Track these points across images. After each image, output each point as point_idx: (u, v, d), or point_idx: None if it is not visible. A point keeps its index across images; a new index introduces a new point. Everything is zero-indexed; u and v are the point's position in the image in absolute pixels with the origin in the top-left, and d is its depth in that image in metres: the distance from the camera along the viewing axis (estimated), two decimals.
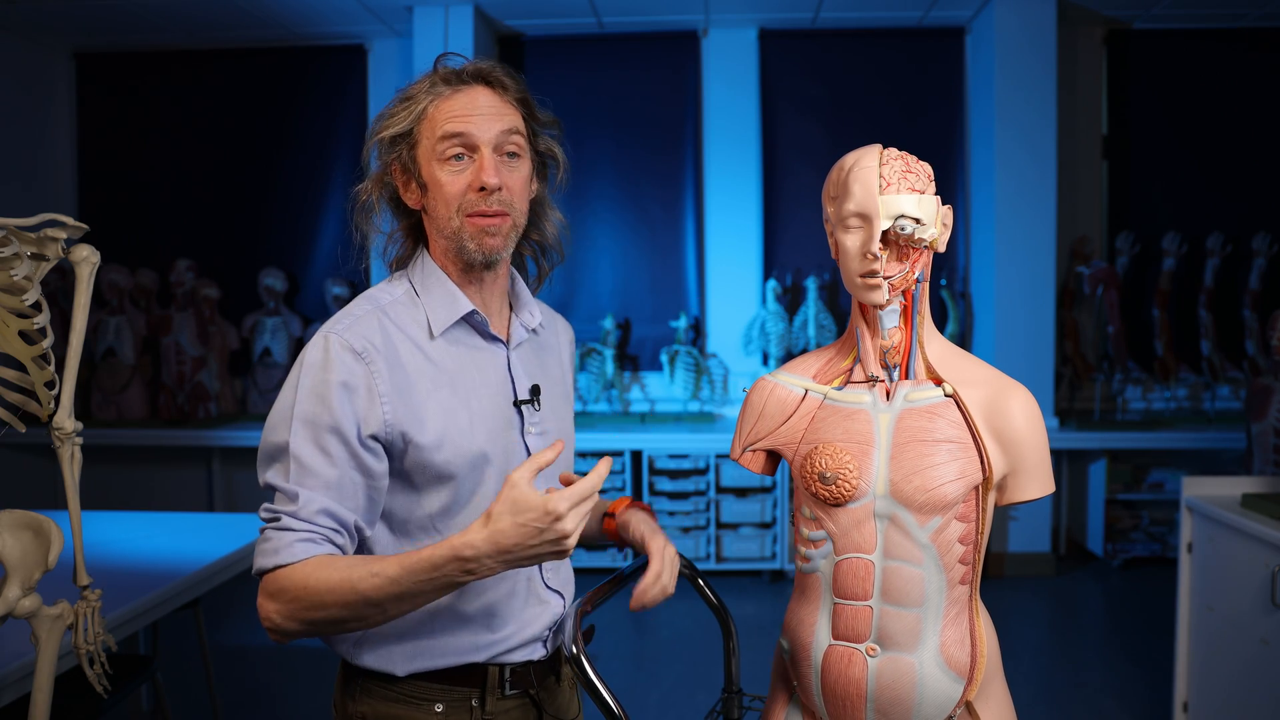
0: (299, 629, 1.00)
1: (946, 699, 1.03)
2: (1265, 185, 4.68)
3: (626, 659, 3.45)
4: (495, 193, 1.09)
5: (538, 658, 1.19)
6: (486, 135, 1.08)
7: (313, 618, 0.98)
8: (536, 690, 1.19)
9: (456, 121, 1.08)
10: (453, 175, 1.09)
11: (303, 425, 1.02)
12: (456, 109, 1.08)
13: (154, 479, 4.96)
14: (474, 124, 1.08)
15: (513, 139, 1.11)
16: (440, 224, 1.12)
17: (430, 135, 1.09)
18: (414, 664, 1.11)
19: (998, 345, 4.42)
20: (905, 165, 1.03)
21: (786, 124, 4.86)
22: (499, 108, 1.10)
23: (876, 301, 1.04)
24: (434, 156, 1.09)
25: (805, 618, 1.09)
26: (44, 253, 1.44)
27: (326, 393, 1.03)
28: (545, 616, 1.19)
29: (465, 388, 1.12)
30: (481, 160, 1.08)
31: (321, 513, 1.01)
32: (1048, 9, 4.34)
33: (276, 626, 1.00)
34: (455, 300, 1.13)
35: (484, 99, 1.10)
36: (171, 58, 5.04)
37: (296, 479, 1.02)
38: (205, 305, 4.85)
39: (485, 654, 1.13)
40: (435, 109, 1.09)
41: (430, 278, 1.15)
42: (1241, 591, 2.25)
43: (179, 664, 3.22)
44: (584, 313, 4.88)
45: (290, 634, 1.01)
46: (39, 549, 1.40)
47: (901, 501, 1.02)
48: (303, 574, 0.98)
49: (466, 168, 1.09)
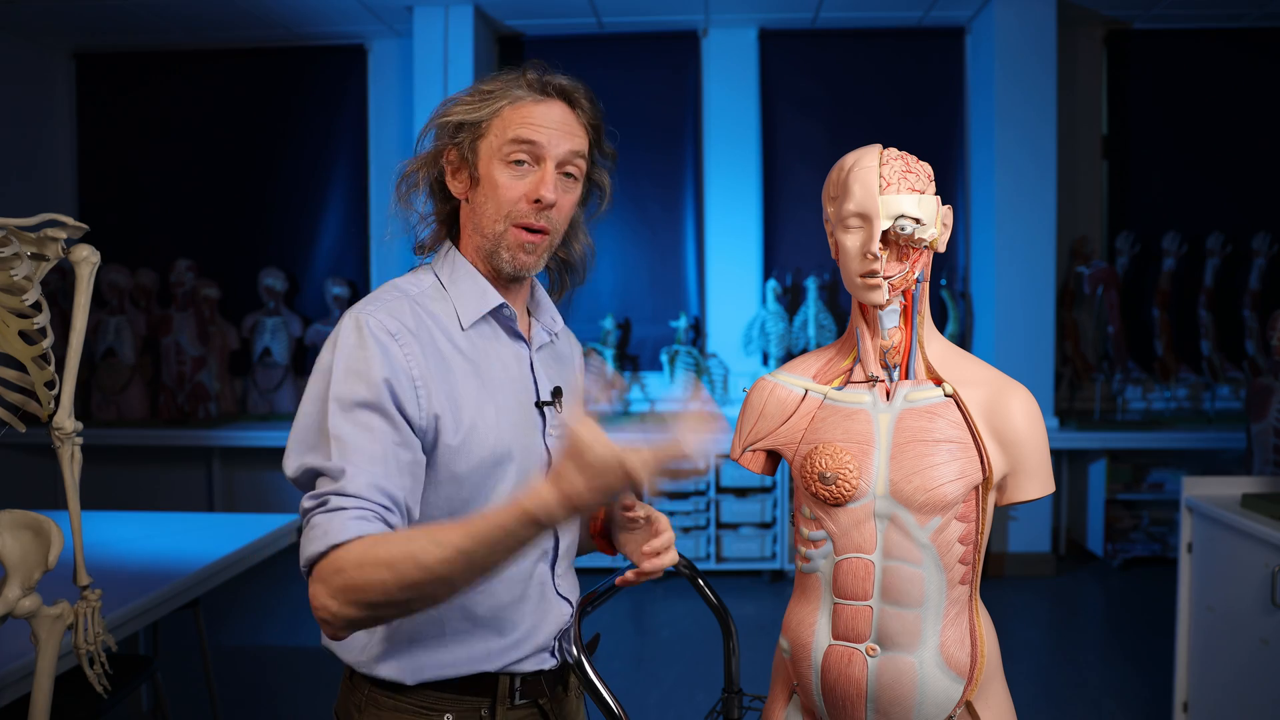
0: (357, 615, 0.91)
1: (946, 699, 1.03)
2: (1265, 185, 4.69)
3: (626, 659, 3.46)
4: (548, 209, 1.09)
5: (548, 667, 1.17)
6: (555, 150, 1.09)
7: (373, 599, 0.90)
8: (546, 701, 1.18)
9: (531, 129, 1.08)
10: (512, 179, 1.09)
11: (341, 405, 0.98)
12: (534, 117, 1.09)
13: (154, 479, 4.97)
14: (547, 136, 1.08)
15: (576, 161, 1.12)
16: (484, 223, 1.11)
17: (500, 133, 1.09)
18: (425, 673, 1.09)
19: (998, 345, 4.42)
20: (905, 165, 1.03)
21: (786, 124, 4.86)
22: (572, 127, 1.11)
23: (876, 301, 1.04)
24: (497, 155, 1.09)
25: (805, 617, 1.09)
26: (44, 253, 1.44)
27: (365, 368, 0.99)
28: (554, 623, 1.18)
29: (492, 382, 1.11)
30: (544, 173, 1.09)
31: (372, 487, 0.95)
32: (1048, 9, 4.34)
33: (332, 615, 0.91)
34: (485, 293, 1.13)
35: (560, 114, 1.10)
36: (171, 58, 5.04)
37: (340, 456, 0.95)
38: (205, 305, 4.85)
39: (497, 662, 1.12)
40: (512, 110, 1.09)
41: (459, 271, 1.14)
42: (1241, 591, 2.25)
43: (179, 664, 3.22)
44: (584, 313, 4.88)
45: (348, 622, 0.92)
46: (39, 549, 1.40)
47: (901, 501, 1.02)
48: (359, 551, 0.90)
49: (526, 175, 1.09)
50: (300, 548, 0.95)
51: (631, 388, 4.93)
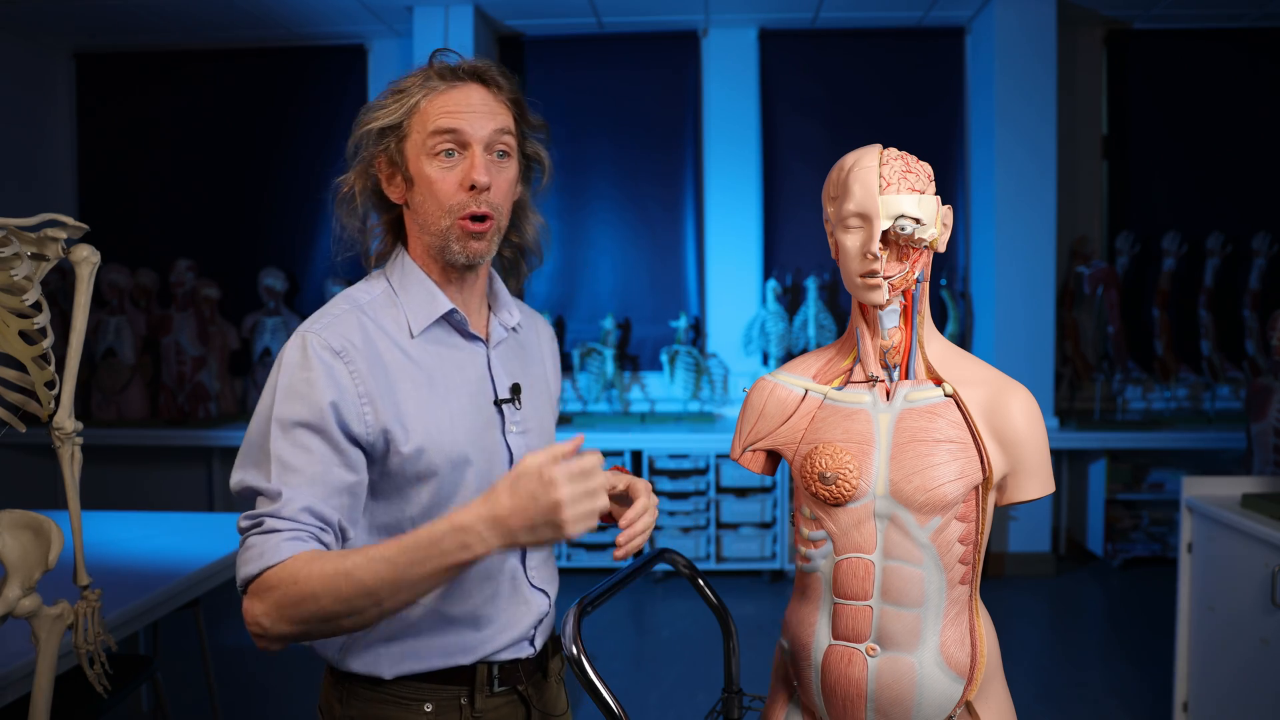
0: (289, 631, 0.94)
1: (946, 699, 1.03)
2: (1265, 185, 4.69)
3: (626, 659, 3.45)
4: (484, 192, 1.08)
5: (525, 655, 1.19)
6: (479, 133, 1.08)
7: (304, 614, 0.92)
8: (525, 687, 1.19)
9: (450, 118, 1.07)
10: (443, 171, 1.08)
11: (281, 426, 1.00)
12: (450, 105, 1.08)
13: (154, 479, 4.97)
14: (467, 121, 1.07)
15: (504, 139, 1.11)
16: (427, 221, 1.11)
17: (421, 129, 1.08)
18: (401, 666, 1.11)
19: (998, 345, 4.42)
20: (905, 165, 1.03)
21: (786, 124, 4.86)
22: (492, 106, 1.10)
23: (876, 301, 1.04)
24: (424, 151, 1.08)
25: (805, 617, 1.09)
26: (44, 253, 1.44)
27: (306, 391, 1.01)
28: (530, 615, 1.19)
29: (445, 386, 1.11)
30: (473, 158, 1.08)
31: (306, 510, 0.98)
32: (1048, 9, 4.34)
33: (265, 631, 0.94)
34: (434, 299, 1.13)
35: (478, 96, 1.09)
36: (171, 58, 5.04)
37: (279, 479, 0.98)
38: (205, 305, 4.85)
39: (472, 655, 1.13)
40: (428, 103, 1.08)
41: (409, 277, 1.14)
42: (1241, 591, 2.25)
43: (179, 664, 3.22)
44: (584, 313, 4.88)
45: (280, 638, 0.95)
46: (39, 549, 1.40)
47: (901, 501, 1.02)
48: (292, 569, 0.93)
49: (456, 164, 1.08)
50: (236, 567, 0.98)
51: (631, 388, 4.93)
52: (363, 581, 0.91)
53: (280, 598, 0.93)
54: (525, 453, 1.17)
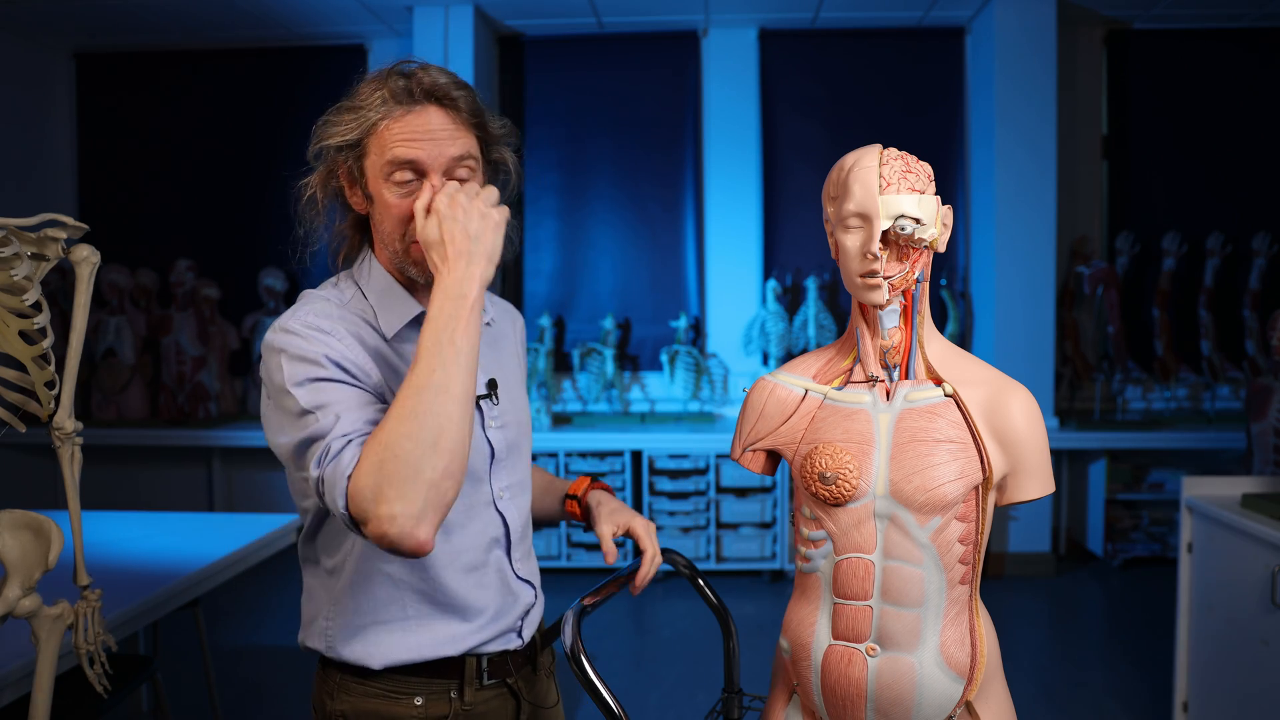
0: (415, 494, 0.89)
1: (946, 699, 1.03)
2: (1265, 185, 4.69)
3: (626, 659, 3.45)
4: None
5: (513, 648, 1.20)
6: (438, 161, 1.05)
7: (409, 459, 0.89)
8: (515, 680, 1.20)
9: (408, 147, 1.04)
10: (400, 198, 1.06)
11: (303, 387, 0.99)
12: (407, 132, 1.05)
13: (154, 479, 4.97)
14: (426, 150, 1.05)
15: (464, 164, 1.08)
16: (385, 240, 1.11)
17: (379, 153, 1.06)
18: (390, 656, 1.11)
19: (998, 345, 4.42)
20: (905, 165, 1.02)
21: (786, 124, 4.86)
22: (451, 131, 1.07)
23: (876, 301, 1.04)
24: (381, 176, 1.07)
25: (805, 618, 1.09)
26: (44, 253, 1.44)
27: (309, 350, 1.01)
28: (517, 607, 1.20)
29: None
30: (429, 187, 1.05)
31: (354, 425, 0.97)
32: (1048, 9, 4.34)
33: (396, 515, 0.88)
34: (405, 303, 1.13)
35: (436, 121, 1.06)
36: (171, 58, 5.04)
37: (325, 415, 0.97)
38: (205, 305, 4.85)
39: (460, 646, 1.14)
40: (385, 128, 1.06)
41: (375, 280, 1.14)
42: (1241, 591, 2.25)
43: (179, 664, 3.22)
44: (584, 313, 4.88)
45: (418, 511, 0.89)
46: (39, 549, 1.40)
47: (901, 501, 1.02)
48: (367, 453, 0.91)
49: (414, 190, 1.06)
50: (332, 509, 0.95)
51: (631, 388, 4.93)
52: (421, 386, 0.92)
53: (382, 476, 0.90)
54: (505, 448, 1.19)
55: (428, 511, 0.90)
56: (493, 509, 1.17)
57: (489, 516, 1.17)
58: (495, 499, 1.17)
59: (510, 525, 1.19)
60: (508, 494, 1.19)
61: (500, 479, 1.18)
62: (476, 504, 1.15)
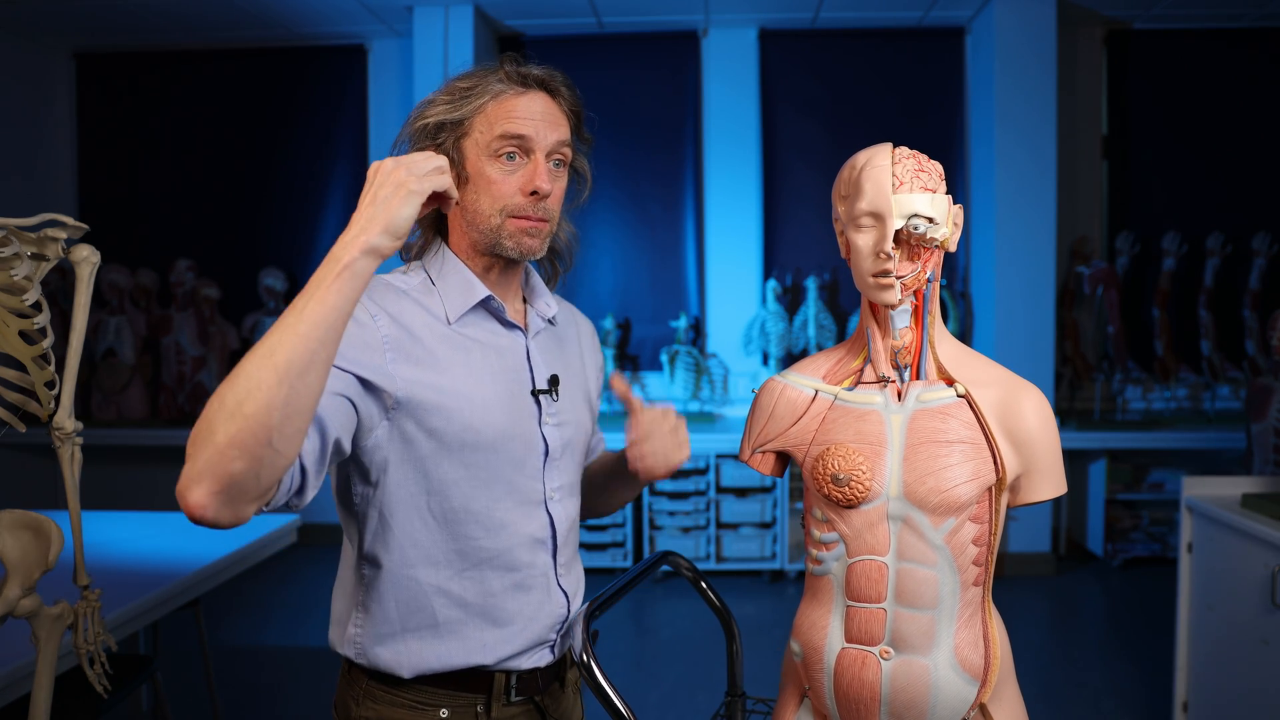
0: (200, 457, 0.82)
1: (961, 701, 1.02)
2: (1265, 185, 4.69)
3: (627, 660, 3.45)
4: (544, 199, 1.10)
5: (544, 664, 1.18)
6: (544, 141, 1.10)
7: (211, 423, 0.82)
8: (542, 697, 1.19)
9: (518, 123, 1.08)
10: (504, 174, 1.09)
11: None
12: (519, 110, 1.09)
13: (154, 479, 4.96)
14: (534, 128, 1.09)
15: (563, 149, 1.12)
16: (478, 220, 1.11)
17: (486, 129, 1.09)
18: (421, 664, 1.10)
19: (998, 345, 4.42)
20: (918, 164, 1.02)
21: (786, 124, 4.86)
22: (556, 116, 1.12)
23: (889, 301, 1.03)
24: (486, 151, 1.09)
25: (817, 620, 1.08)
26: (44, 253, 1.44)
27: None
28: (552, 616, 1.18)
29: (483, 369, 1.11)
30: (536, 165, 1.09)
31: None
32: (1048, 9, 4.34)
33: (184, 473, 0.83)
34: (472, 286, 1.13)
35: (542, 105, 1.11)
36: (171, 58, 5.03)
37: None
38: (205, 305, 4.85)
39: (493, 655, 1.12)
40: (495, 105, 1.09)
41: (448, 266, 1.14)
42: (1241, 591, 2.25)
43: (179, 664, 3.22)
44: (584, 312, 4.85)
45: (192, 474, 0.82)
46: (39, 549, 1.40)
47: (915, 503, 1.01)
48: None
49: (518, 169, 1.09)
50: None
51: (631, 387, 4.92)
52: (253, 348, 0.85)
53: (194, 432, 0.84)
54: (561, 446, 1.18)
55: (205, 476, 0.82)
56: (543, 509, 1.16)
57: (539, 516, 1.15)
58: (547, 499, 1.16)
59: (557, 527, 1.18)
60: (559, 495, 1.18)
61: (553, 478, 1.17)
62: (528, 501, 1.14)
